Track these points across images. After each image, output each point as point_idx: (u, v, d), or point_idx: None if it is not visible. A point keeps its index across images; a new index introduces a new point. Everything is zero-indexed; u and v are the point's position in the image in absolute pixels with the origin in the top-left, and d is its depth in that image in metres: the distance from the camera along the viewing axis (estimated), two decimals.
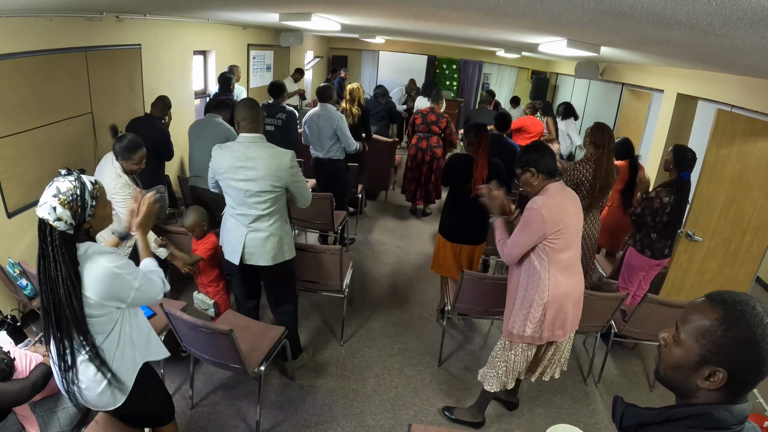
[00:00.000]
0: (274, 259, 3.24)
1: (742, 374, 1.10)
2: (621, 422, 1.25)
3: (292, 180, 3.11)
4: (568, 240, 2.74)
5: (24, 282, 3.53)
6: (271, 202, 3.12)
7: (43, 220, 1.81)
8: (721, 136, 4.06)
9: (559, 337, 2.93)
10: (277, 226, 3.22)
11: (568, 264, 2.80)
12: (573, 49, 3.98)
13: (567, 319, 2.88)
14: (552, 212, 2.68)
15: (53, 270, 1.80)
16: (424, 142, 6.62)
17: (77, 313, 1.83)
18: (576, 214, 2.80)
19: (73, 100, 4.33)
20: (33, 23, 3.76)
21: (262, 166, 3.03)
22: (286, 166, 3.06)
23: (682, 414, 1.14)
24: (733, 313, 1.10)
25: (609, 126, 4.01)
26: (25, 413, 2.38)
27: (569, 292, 2.83)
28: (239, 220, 3.20)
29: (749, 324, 1.08)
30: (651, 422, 1.18)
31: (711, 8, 1.56)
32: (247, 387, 3.54)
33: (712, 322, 1.12)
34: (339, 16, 4.84)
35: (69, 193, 1.81)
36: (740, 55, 2.64)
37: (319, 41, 13.35)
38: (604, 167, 3.86)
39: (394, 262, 5.73)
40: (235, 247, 3.23)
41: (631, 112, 7.89)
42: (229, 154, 3.09)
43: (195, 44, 6.72)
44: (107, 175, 3.45)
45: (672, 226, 3.94)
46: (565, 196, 2.79)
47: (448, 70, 14.35)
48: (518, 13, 2.64)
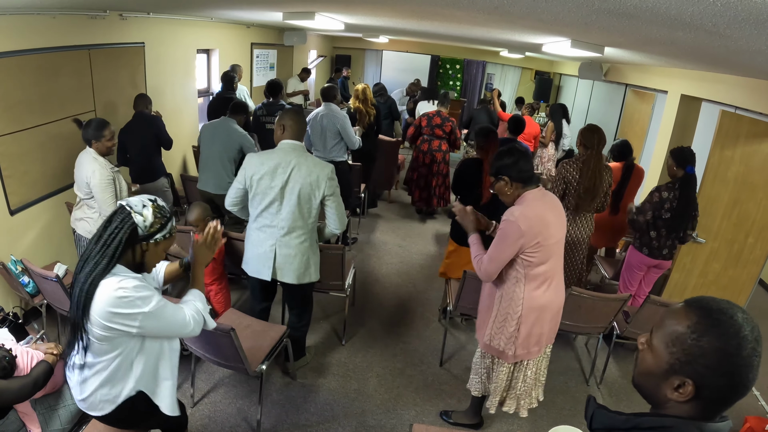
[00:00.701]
0: (298, 278, 3.21)
1: (712, 389, 1.03)
2: (591, 423, 1.21)
3: (329, 192, 3.06)
4: (547, 252, 2.60)
5: (26, 279, 3.54)
6: (306, 214, 3.07)
7: (125, 206, 1.86)
8: (724, 137, 4.06)
9: (535, 354, 2.83)
10: (307, 246, 3.17)
11: (546, 277, 2.66)
12: (577, 49, 3.96)
13: (543, 333, 2.77)
14: (531, 224, 2.52)
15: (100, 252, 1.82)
16: (426, 144, 6.61)
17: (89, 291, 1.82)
18: (557, 224, 2.64)
19: (76, 98, 4.34)
20: (36, 21, 3.76)
21: (301, 174, 2.99)
22: (326, 177, 3.02)
23: (650, 424, 1.09)
24: (708, 320, 1.03)
25: (600, 128, 4.00)
26: (26, 410, 2.38)
27: (546, 305, 2.70)
28: (267, 233, 3.12)
29: (724, 334, 1.00)
30: (619, 427, 1.13)
31: (716, 9, 1.55)
32: (248, 386, 3.54)
33: (684, 329, 1.05)
34: (343, 15, 4.83)
35: (163, 208, 1.94)
36: (745, 56, 2.63)
37: (323, 40, 13.35)
38: (591, 169, 3.84)
39: (396, 262, 5.73)
40: (265, 261, 3.16)
41: (635, 113, 7.87)
42: (269, 160, 3.03)
43: (198, 43, 6.72)
44: (87, 169, 3.50)
45: (676, 225, 3.85)
46: (545, 203, 2.62)
47: (451, 69, 14.34)
48: (522, 12, 2.63)
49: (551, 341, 2.92)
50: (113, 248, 1.83)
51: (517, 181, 2.61)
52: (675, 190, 3.77)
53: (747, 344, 1.00)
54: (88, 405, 2.02)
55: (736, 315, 1.02)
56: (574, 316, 3.61)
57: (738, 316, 1.02)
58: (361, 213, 6.82)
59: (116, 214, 1.86)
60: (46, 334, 3.20)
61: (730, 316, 1.02)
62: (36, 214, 4.03)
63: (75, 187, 3.74)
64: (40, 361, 2.36)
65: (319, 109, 5.51)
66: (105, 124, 3.57)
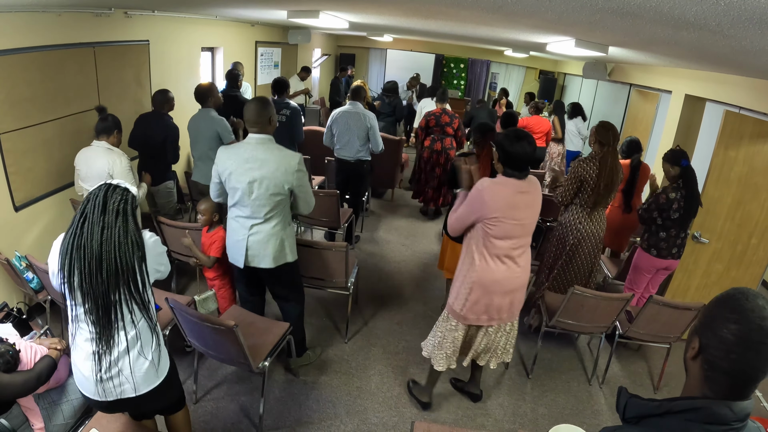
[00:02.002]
0: (275, 261, 3.22)
1: (710, 350, 1.12)
2: (624, 413, 1.25)
3: (297, 183, 3.08)
4: (505, 230, 2.78)
5: (30, 275, 3.55)
6: (275, 204, 3.09)
7: (117, 185, 1.96)
8: (728, 137, 4.04)
9: (484, 322, 3.01)
10: (279, 228, 3.19)
11: (503, 253, 2.85)
12: (581, 48, 3.96)
13: (492, 305, 2.94)
14: (494, 198, 2.74)
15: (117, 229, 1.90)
16: (438, 144, 6.56)
17: (143, 277, 1.96)
18: (525, 212, 2.83)
19: (81, 95, 4.35)
20: (42, 18, 3.77)
21: (268, 167, 3.00)
22: (293, 169, 3.03)
23: (682, 407, 1.13)
24: (733, 295, 1.12)
25: (614, 125, 3.99)
26: (29, 405, 2.39)
27: (498, 279, 2.88)
28: (241, 222, 3.18)
29: (736, 307, 1.09)
30: (652, 414, 1.18)
31: (719, 8, 1.56)
32: (250, 382, 3.55)
33: (711, 302, 1.17)
34: (347, 14, 4.84)
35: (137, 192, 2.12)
36: (748, 56, 2.63)
37: (327, 39, 13.36)
38: (609, 165, 3.83)
39: (399, 261, 5.73)
40: (239, 250, 3.21)
41: (639, 113, 7.86)
42: (236, 155, 3.06)
43: (203, 41, 6.73)
44: (103, 160, 3.63)
45: (684, 221, 3.85)
46: (520, 192, 2.79)
47: (455, 69, 14.34)
48: (526, 12, 2.63)
49: (510, 319, 3.08)
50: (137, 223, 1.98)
51: (503, 163, 2.81)
52: (681, 189, 3.77)
53: (749, 322, 1.08)
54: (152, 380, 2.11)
55: (752, 295, 1.10)
56: (576, 316, 3.61)
57: (752, 298, 1.09)
58: (363, 211, 6.81)
59: (113, 189, 1.94)
60: (50, 329, 3.21)
61: (745, 297, 1.10)
62: (40, 211, 4.05)
63: (83, 183, 3.75)
64: (44, 356, 2.37)
65: (345, 108, 5.46)
66: (120, 124, 3.83)
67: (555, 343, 4.30)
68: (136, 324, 1.97)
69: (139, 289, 1.93)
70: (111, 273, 1.86)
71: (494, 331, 3.10)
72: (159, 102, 4.61)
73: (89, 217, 1.89)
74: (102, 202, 1.89)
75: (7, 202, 3.69)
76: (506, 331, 3.15)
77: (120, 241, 1.87)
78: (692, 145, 5.67)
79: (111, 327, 1.93)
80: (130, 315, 1.94)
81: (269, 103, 3.15)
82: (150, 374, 2.08)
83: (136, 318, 1.95)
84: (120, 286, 1.89)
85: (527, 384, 3.83)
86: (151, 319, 2.03)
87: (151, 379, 2.09)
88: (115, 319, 1.92)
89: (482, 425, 3.39)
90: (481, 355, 3.22)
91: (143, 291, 1.95)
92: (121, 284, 1.89)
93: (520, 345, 4.26)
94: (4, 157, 3.61)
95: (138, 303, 1.94)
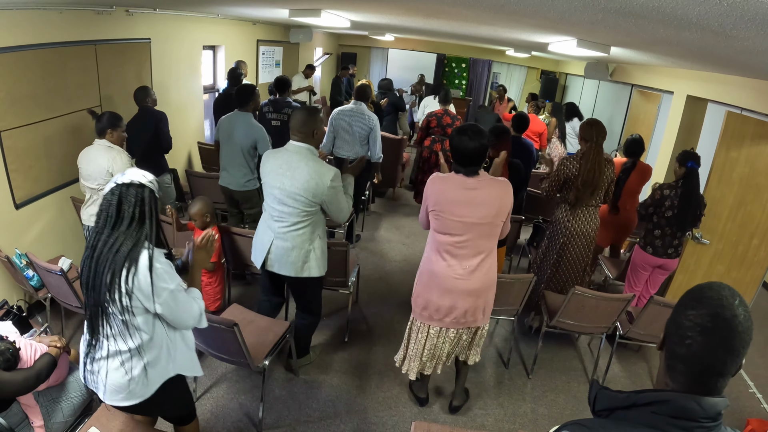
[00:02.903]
0: (296, 272, 3.18)
1: (671, 338, 1.12)
2: (594, 405, 1.22)
3: (329, 200, 3.01)
4: (445, 225, 2.77)
5: (30, 273, 3.55)
6: (304, 215, 3.05)
7: (131, 183, 1.89)
8: (730, 138, 4.04)
9: (426, 320, 2.98)
10: (305, 239, 3.12)
11: (443, 248, 2.84)
12: (583, 48, 3.96)
13: (432, 303, 2.91)
14: (433, 190, 2.78)
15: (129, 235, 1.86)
16: (438, 144, 6.54)
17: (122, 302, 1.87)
18: (470, 212, 2.71)
19: (82, 93, 4.35)
20: (43, 16, 3.77)
21: (301, 178, 2.94)
22: (326, 186, 2.95)
23: (648, 399, 1.10)
24: (700, 286, 1.12)
25: (599, 122, 3.96)
26: (29, 403, 2.39)
27: (435, 272, 2.87)
28: (269, 225, 3.16)
29: (698, 295, 1.09)
30: (619, 406, 1.15)
31: (722, 8, 1.55)
32: (250, 381, 3.55)
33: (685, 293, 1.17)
34: (349, 13, 4.83)
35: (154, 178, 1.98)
36: (751, 56, 2.62)
37: (329, 38, 13.35)
38: (591, 161, 3.82)
39: (400, 260, 5.73)
40: (261, 251, 3.21)
41: (641, 114, 7.85)
42: (274, 159, 3.05)
43: (204, 39, 6.73)
44: (103, 159, 3.62)
45: (679, 222, 3.85)
46: (465, 188, 2.71)
47: (457, 68, 14.33)
48: (528, 11, 2.63)
49: (455, 326, 2.97)
50: (154, 215, 1.92)
51: (453, 157, 2.77)
52: (677, 188, 3.78)
53: (704, 308, 1.07)
54: (123, 395, 2.02)
55: (724, 291, 1.08)
56: (577, 316, 3.61)
57: (724, 291, 1.08)
58: (365, 210, 6.81)
59: (126, 190, 1.87)
60: (50, 327, 3.21)
61: (709, 286, 1.10)
62: (41, 209, 4.04)
63: (85, 182, 3.74)
64: (44, 353, 2.37)
65: (348, 107, 5.38)
66: (120, 117, 3.78)
67: (555, 344, 4.29)
68: (116, 339, 1.93)
69: (123, 311, 1.87)
70: (104, 286, 1.85)
71: (436, 334, 3.03)
72: (140, 98, 4.63)
73: (103, 231, 1.88)
74: (115, 212, 1.86)
75: (7, 200, 3.69)
76: (449, 338, 3.03)
77: (116, 260, 1.83)
78: (694, 146, 5.65)
79: (97, 333, 1.93)
80: (111, 329, 1.91)
81: (317, 114, 3.08)
82: (124, 389, 2.00)
83: (115, 333, 1.92)
84: (108, 301, 1.87)
85: (527, 384, 3.83)
86: (129, 343, 1.94)
87: (127, 396, 2.02)
88: (101, 328, 1.92)
89: (482, 425, 3.39)
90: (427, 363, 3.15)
91: (123, 313, 1.87)
92: (109, 300, 1.86)
93: (520, 345, 4.26)
94: (5, 155, 3.60)
95: (118, 324, 1.91)
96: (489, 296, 2.95)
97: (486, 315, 2.99)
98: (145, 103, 4.65)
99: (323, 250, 3.26)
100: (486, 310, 2.97)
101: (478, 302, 2.89)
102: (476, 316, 2.94)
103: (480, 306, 2.91)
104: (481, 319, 2.98)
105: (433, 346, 3.06)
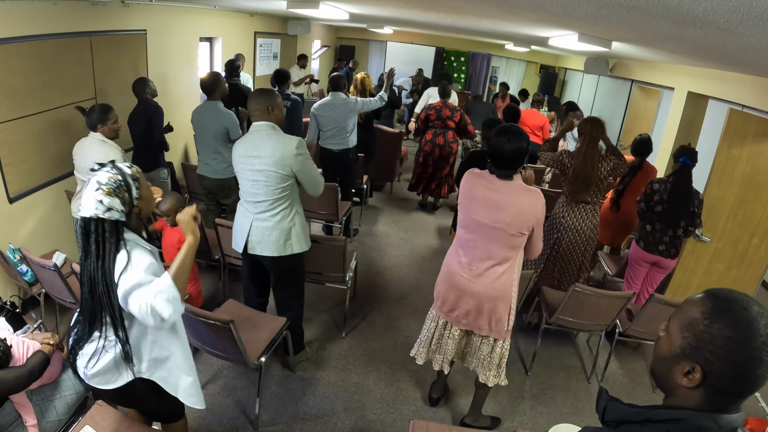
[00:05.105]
0: (278, 250, 3.17)
1: (719, 377, 1.03)
2: (603, 415, 1.20)
3: (298, 167, 3.02)
4: (463, 219, 2.78)
5: (24, 268, 3.52)
6: (280, 191, 3.06)
7: (89, 218, 1.81)
8: (732, 136, 4.02)
9: (437, 309, 2.99)
10: (284, 216, 3.14)
11: (460, 244, 2.83)
12: (584, 43, 3.92)
13: (441, 293, 2.92)
14: (465, 183, 2.78)
15: (98, 264, 1.83)
16: (441, 138, 6.51)
17: (116, 313, 1.87)
18: (484, 214, 2.66)
19: (78, 86, 4.29)
20: (38, 7, 3.71)
21: (267, 154, 2.98)
22: (291, 154, 2.98)
23: (664, 416, 1.09)
24: (721, 308, 1.03)
25: (597, 118, 3.95)
26: (22, 401, 2.36)
27: (449, 267, 2.89)
28: (247, 208, 3.18)
29: (734, 323, 1.01)
30: (631, 420, 1.13)
31: (729, 4, 1.51)
32: (247, 378, 3.52)
33: (698, 314, 1.06)
34: (347, 5, 4.78)
35: (111, 182, 1.83)
36: (756, 54, 2.58)
37: (327, 30, 13.28)
38: (584, 154, 3.82)
39: (398, 255, 5.70)
40: (241, 234, 3.21)
41: (641, 110, 7.81)
42: (240, 144, 3.11)
43: (201, 31, 6.67)
44: (96, 153, 3.57)
45: (669, 218, 3.83)
46: (488, 188, 2.66)
47: (456, 62, 14.28)
48: (530, 4, 2.59)
49: (463, 325, 2.91)
50: (112, 251, 1.84)
51: (489, 154, 2.70)
52: (667, 183, 3.77)
53: (757, 337, 0.99)
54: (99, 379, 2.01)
55: (751, 307, 1.02)
56: (577, 313, 3.59)
57: (752, 309, 1.01)
58: (363, 204, 6.78)
59: (86, 233, 1.83)
60: (44, 323, 3.18)
61: (744, 307, 1.02)
62: (35, 203, 4.00)
63: (78, 174, 3.71)
64: (37, 351, 2.34)
65: (325, 100, 5.25)
66: (109, 107, 3.67)
67: (554, 341, 4.27)
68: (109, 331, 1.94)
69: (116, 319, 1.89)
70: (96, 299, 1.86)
71: (458, 338, 2.99)
72: (139, 90, 4.60)
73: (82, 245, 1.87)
74: (84, 244, 1.84)
75: (1, 194, 3.65)
76: (478, 346, 2.95)
77: (97, 279, 1.84)
78: (694, 143, 5.62)
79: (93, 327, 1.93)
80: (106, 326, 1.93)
81: (270, 92, 3.12)
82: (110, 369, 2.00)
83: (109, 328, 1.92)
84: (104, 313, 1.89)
85: (526, 382, 3.81)
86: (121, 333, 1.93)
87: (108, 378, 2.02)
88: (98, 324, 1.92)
89: None
90: (467, 359, 3.07)
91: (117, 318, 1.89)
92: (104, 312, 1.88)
93: (519, 342, 4.24)
94: None
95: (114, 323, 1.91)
96: (496, 307, 2.78)
97: (495, 328, 2.83)
98: (144, 94, 4.60)
99: (303, 225, 3.28)
100: (493, 321, 2.81)
101: (481, 308, 2.79)
102: (479, 322, 2.84)
103: (484, 313, 2.79)
104: (487, 329, 2.84)
105: (440, 338, 3.04)
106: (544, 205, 2.65)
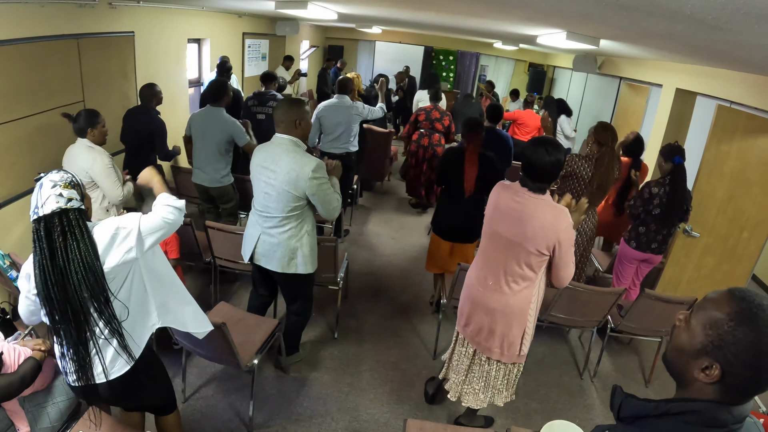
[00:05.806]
0: (282, 267, 3.13)
1: (737, 377, 1.05)
2: (619, 412, 1.22)
3: (311, 192, 2.92)
4: (488, 231, 2.71)
5: (14, 273, 3.48)
6: (290, 210, 2.99)
7: (52, 213, 1.80)
8: (721, 132, 4.04)
9: (461, 330, 2.91)
10: (291, 235, 3.06)
11: (481, 253, 2.79)
12: (572, 41, 3.94)
13: (464, 312, 2.86)
14: (494, 194, 2.70)
15: (70, 255, 1.80)
16: (426, 139, 6.53)
17: (97, 293, 1.84)
18: (503, 225, 2.58)
19: (65, 88, 4.26)
20: (24, 9, 3.68)
21: (281, 170, 2.90)
22: (306, 177, 2.87)
23: (680, 409, 1.11)
24: (748, 312, 1.03)
25: (612, 125, 3.97)
26: (14, 408, 2.34)
27: (470, 278, 2.86)
28: (257, 220, 3.14)
29: (758, 329, 1.01)
30: (648, 414, 1.15)
31: (717, 2, 1.52)
32: (240, 380, 3.50)
33: (723, 315, 1.06)
34: (335, 5, 4.77)
35: (65, 178, 1.87)
36: (744, 50, 2.60)
37: (315, 31, 13.26)
38: (605, 165, 3.82)
39: (389, 254, 5.70)
40: (249, 244, 3.19)
41: (629, 107, 7.85)
42: (260, 153, 3.04)
43: (189, 32, 6.64)
44: (83, 159, 3.51)
45: (666, 219, 3.85)
46: (513, 200, 2.55)
47: (444, 61, 14.30)
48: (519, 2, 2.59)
49: (475, 343, 2.83)
50: (85, 235, 1.85)
51: (522, 166, 2.57)
52: (665, 185, 3.78)
53: None
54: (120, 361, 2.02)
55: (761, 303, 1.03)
56: (568, 310, 3.60)
57: None
58: (353, 205, 6.77)
59: (49, 228, 1.79)
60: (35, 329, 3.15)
61: (760, 306, 1.03)
62: (24, 207, 3.94)
63: None
64: (28, 357, 2.31)
65: (333, 101, 5.29)
66: (96, 113, 3.58)
67: (547, 337, 4.29)
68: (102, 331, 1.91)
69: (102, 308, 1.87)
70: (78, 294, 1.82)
71: (472, 356, 2.91)
72: (146, 96, 4.52)
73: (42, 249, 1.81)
74: (45, 235, 1.80)
75: None
76: (487, 371, 2.88)
77: (73, 269, 1.80)
78: (683, 140, 5.67)
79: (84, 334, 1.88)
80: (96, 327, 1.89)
81: (299, 104, 3.02)
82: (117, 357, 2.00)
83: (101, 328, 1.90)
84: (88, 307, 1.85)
85: (519, 378, 3.81)
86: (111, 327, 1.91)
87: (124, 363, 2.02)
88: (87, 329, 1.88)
89: None
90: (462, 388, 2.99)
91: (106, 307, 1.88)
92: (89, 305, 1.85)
93: None
94: None
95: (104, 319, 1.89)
96: (510, 329, 2.67)
97: (506, 352, 2.73)
98: (150, 102, 4.54)
99: (312, 247, 3.19)
100: (506, 345, 2.71)
101: (494, 326, 2.69)
102: (490, 344, 2.74)
103: (496, 334, 2.70)
104: (498, 352, 2.73)
105: (457, 353, 3.00)
106: (570, 225, 2.47)
